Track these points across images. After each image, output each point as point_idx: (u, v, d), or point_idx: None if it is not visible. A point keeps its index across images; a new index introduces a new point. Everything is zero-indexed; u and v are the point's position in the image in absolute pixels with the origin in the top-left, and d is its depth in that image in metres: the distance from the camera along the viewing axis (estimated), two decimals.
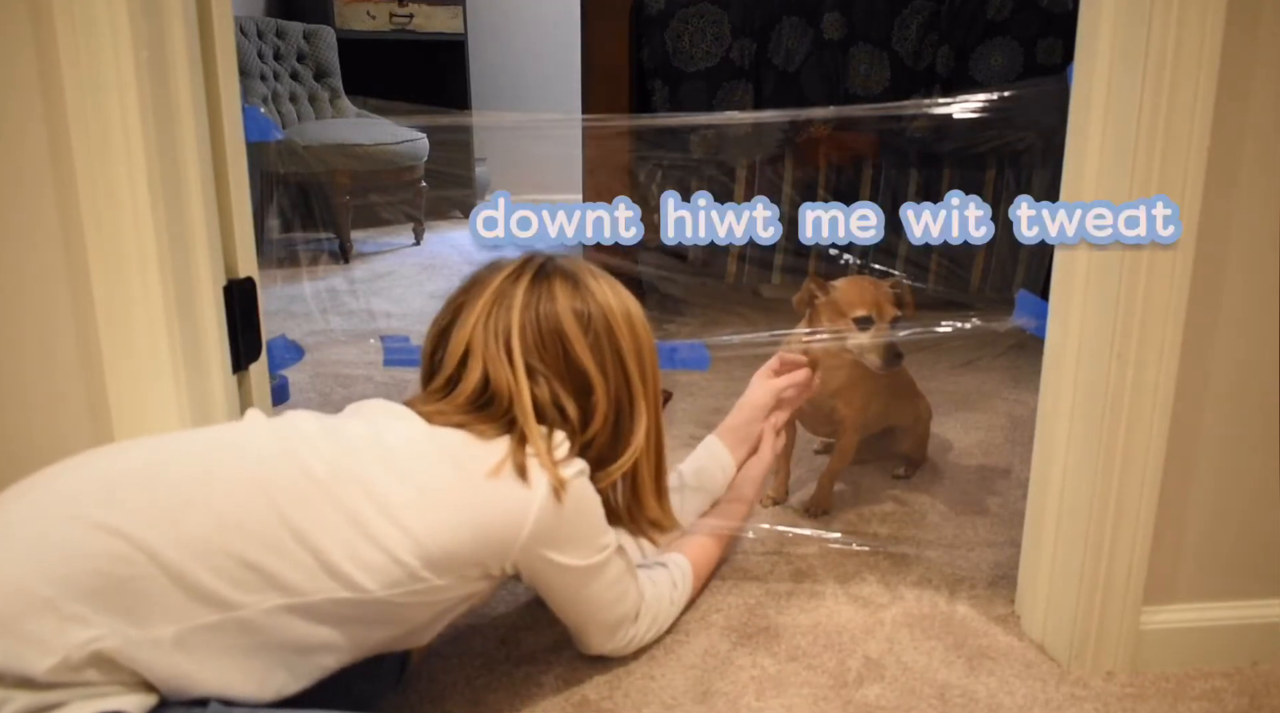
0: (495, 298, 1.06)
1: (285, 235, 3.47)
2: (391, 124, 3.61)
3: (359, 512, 0.90)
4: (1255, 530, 1.20)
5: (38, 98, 1.01)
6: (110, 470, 0.88)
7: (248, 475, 0.89)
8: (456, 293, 1.10)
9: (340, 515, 0.89)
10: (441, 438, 0.99)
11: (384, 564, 0.90)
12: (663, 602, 1.23)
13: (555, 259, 1.11)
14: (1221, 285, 1.11)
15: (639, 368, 1.10)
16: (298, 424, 0.98)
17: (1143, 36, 1.02)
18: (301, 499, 0.88)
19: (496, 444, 1.00)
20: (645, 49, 2.66)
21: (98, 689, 0.77)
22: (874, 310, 1.50)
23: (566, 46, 3.61)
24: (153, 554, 0.80)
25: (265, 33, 3.80)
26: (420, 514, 0.93)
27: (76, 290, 1.06)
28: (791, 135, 2.71)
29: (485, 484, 0.97)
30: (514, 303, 1.05)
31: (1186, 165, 1.04)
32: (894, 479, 1.77)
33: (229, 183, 1.16)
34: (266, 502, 0.87)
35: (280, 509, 0.87)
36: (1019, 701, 1.15)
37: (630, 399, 1.09)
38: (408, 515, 0.92)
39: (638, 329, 1.11)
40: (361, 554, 0.89)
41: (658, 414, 1.13)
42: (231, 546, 0.84)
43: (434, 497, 0.95)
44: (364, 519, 0.90)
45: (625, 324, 1.09)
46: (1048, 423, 1.23)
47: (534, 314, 1.05)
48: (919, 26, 2.68)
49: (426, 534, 0.93)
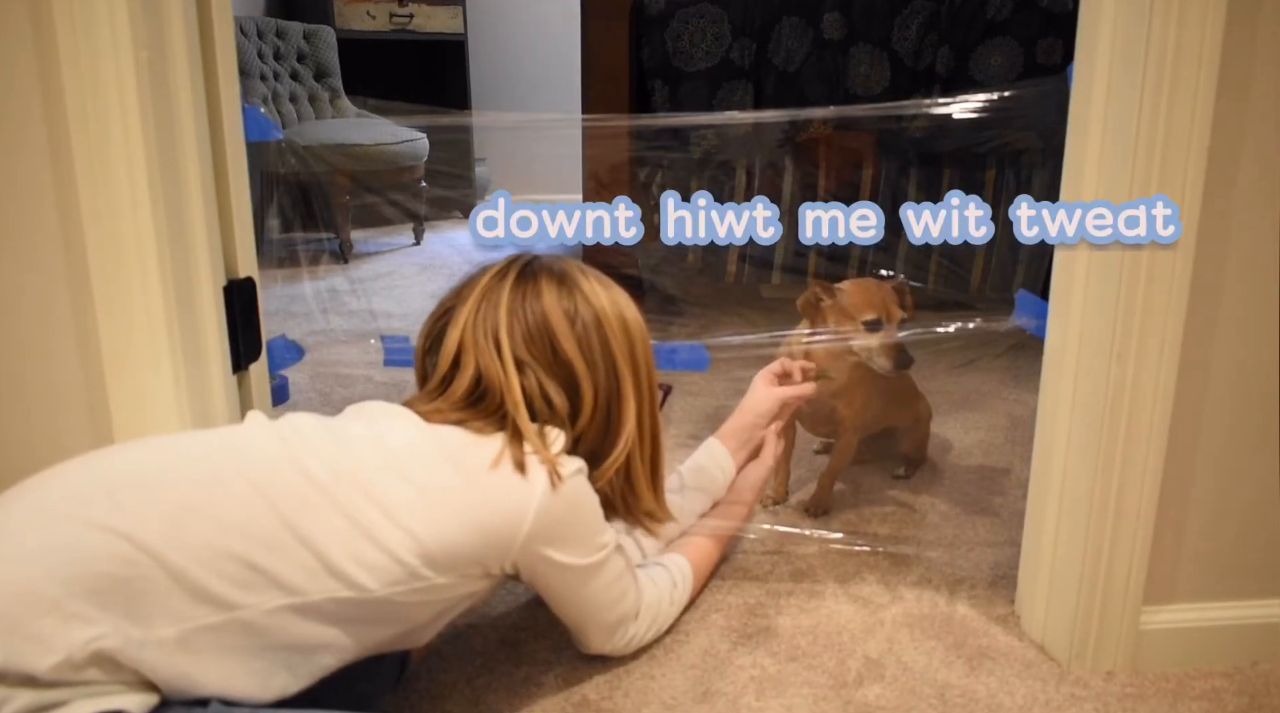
0: (483, 296, 1.07)
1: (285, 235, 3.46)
2: (391, 124, 3.61)
3: (360, 513, 0.90)
4: (1255, 531, 1.20)
5: (38, 98, 1.01)
6: (113, 472, 0.88)
7: (249, 478, 0.89)
8: (447, 296, 1.12)
9: (341, 517, 0.90)
10: (439, 436, 1.00)
11: (386, 564, 0.91)
12: (663, 602, 1.23)
13: (541, 258, 1.12)
14: (1221, 285, 1.11)
15: (629, 362, 1.10)
16: (299, 427, 0.98)
17: (1143, 36, 1.02)
18: (303, 502, 0.89)
19: (493, 440, 1.00)
20: (645, 49, 2.66)
21: (99, 688, 0.77)
22: (883, 313, 1.50)
23: (566, 46, 3.61)
24: (156, 556, 0.81)
25: (265, 33, 3.80)
26: (421, 514, 0.93)
27: (76, 290, 1.06)
28: (791, 135, 2.70)
29: (484, 481, 0.98)
30: (500, 300, 1.07)
31: (1186, 165, 1.04)
32: (894, 479, 1.77)
33: (229, 183, 1.16)
34: (268, 505, 0.87)
35: (282, 512, 0.87)
36: (1019, 701, 1.15)
37: (618, 392, 1.09)
38: (409, 515, 0.93)
39: (629, 324, 1.11)
40: (363, 554, 0.90)
41: (652, 406, 1.13)
42: (233, 548, 0.84)
43: (434, 496, 0.95)
44: (365, 520, 0.90)
45: (615, 319, 1.09)
46: (1048, 423, 1.23)
47: (521, 309, 1.06)
48: (919, 26, 2.68)
49: (427, 533, 0.93)
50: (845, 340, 1.52)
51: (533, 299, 1.07)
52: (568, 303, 1.07)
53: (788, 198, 2.74)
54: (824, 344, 1.53)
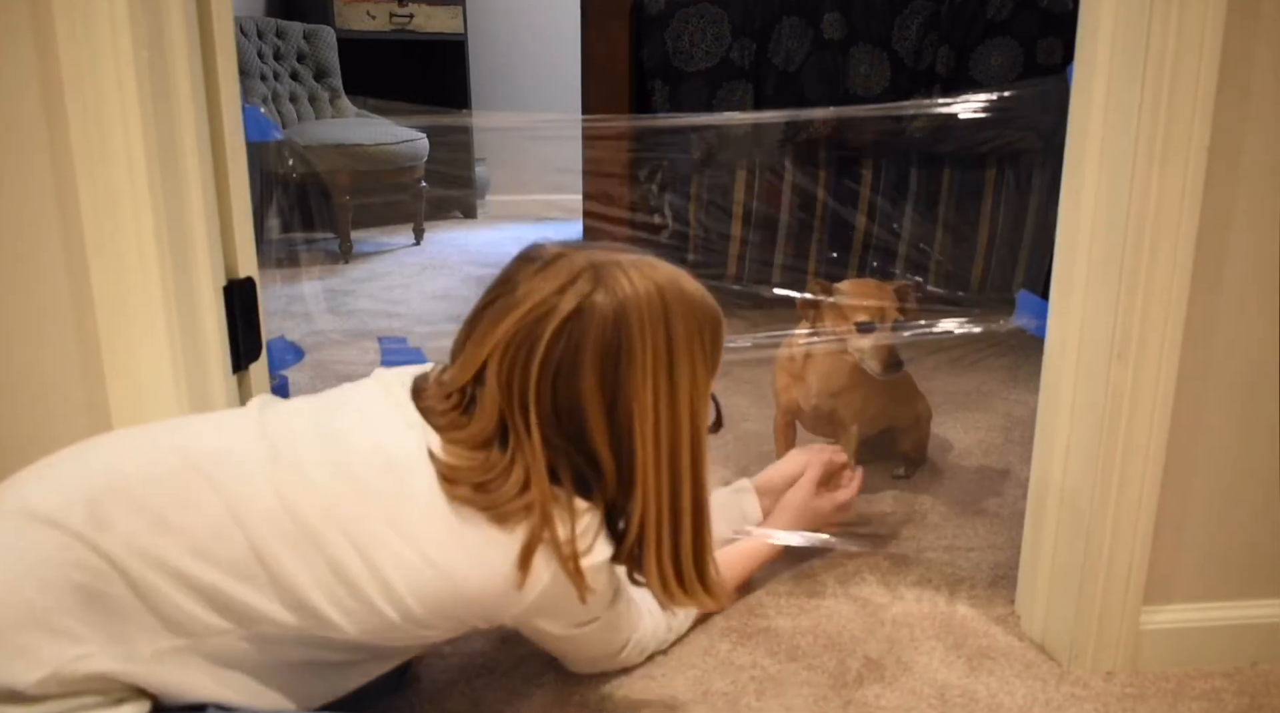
0: (518, 327, 0.91)
1: (285, 235, 3.47)
2: (391, 124, 3.61)
3: (342, 560, 0.85)
4: (1255, 531, 1.20)
5: (38, 98, 1.01)
6: (94, 474, 0.85)
7: (227, 499, 0.83)
8: (494, 284, 0.97)
9: (321, 559, 0.84)
10: (458, 515, 0.89)
11: (364, 613, 0.86)
12: (659, 631, 1.19)
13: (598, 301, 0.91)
14: (1221, 285, 1.10)
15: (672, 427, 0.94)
16: (295, 435, 0.90)
17: (1143, 36, 1.02)
18: (280, 535, 0.83)
19: (514, 535, 0.89)
20: (645, 49, 2.66)
21: (87, 701, 0.76)
22: (876, 315, 1.49)
23: (566, 46, 3.62)
24: (125, 572, 0.79)
25: (265, 33, 3.80)
26: (408, 576, 0.87)
27: (76, 290, 1.06)
28: (791, 135, 2.71)
29: (485, 562, 0.89)
30: (537, 350, 0.90)
31: (1186, 165, 1.04)
32: (894, 479, 1.77)
33: (229, 183, 1.16)
34: (243, 534, 0.82)
35: (254, 541, 0.83)
36: (1019, 701, 1.15)
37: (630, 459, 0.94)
38: (395, 575, 0.86)
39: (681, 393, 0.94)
40: (340, 599, 0.85)
41: (696, 472, 0.97)
42: (204, 574, 0.81)
43: (429, 570, 0.87)
44: (347, 568, 0.85)
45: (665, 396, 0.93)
46: (1048, 423, 1.23)
47: (552, 381, 0.90)
48: (919, 26, 2.68)
49: (411, 596, 0.87)
50: (842, 340, 1.52)
51: (569, 367, 0.90)
52: (609, 385, 0.91)
53: (788, 198, 2.75)
54: (824, 344, 1.53)
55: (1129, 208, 1.06)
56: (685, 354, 0.93)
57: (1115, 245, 1.08)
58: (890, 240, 2.74)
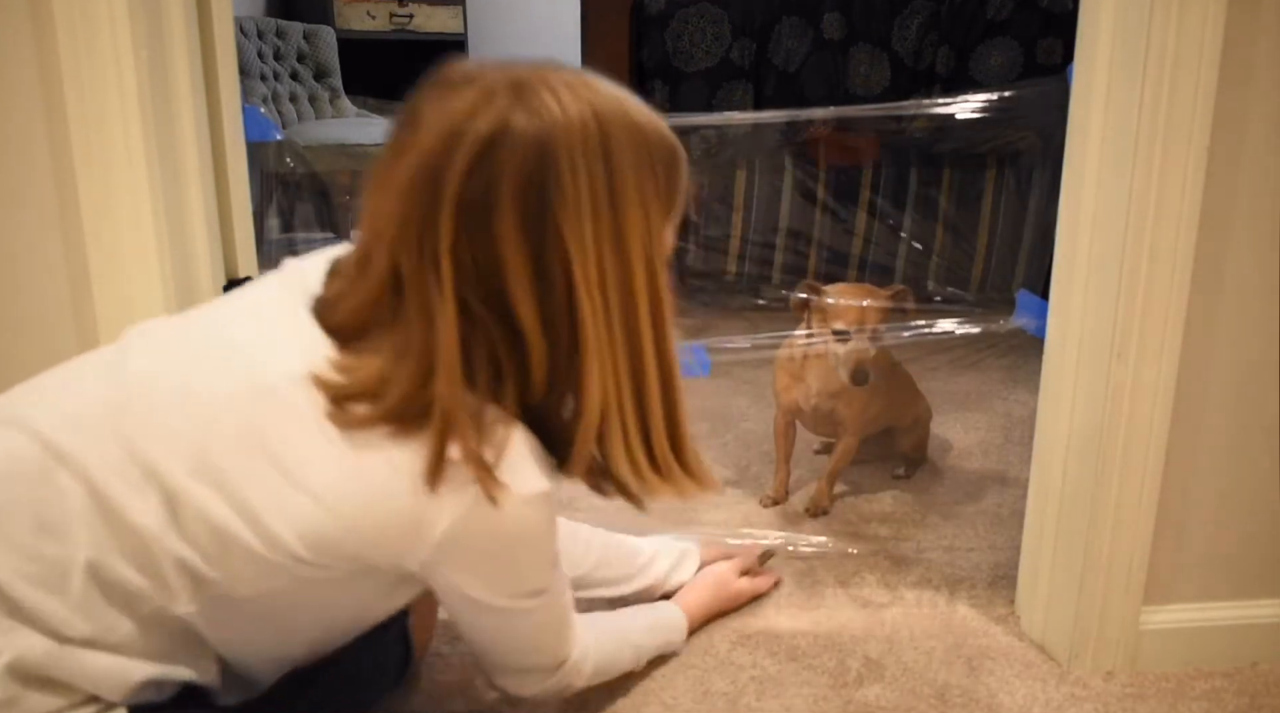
0: (422, 162, 0.75)
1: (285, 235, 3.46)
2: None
3: (217, 514, 0.74)
4: (1255, 530, 1.20)
5: (38, 98, 1.01)
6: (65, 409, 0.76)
7: (87, 487, 0.74)
8: (398, 119, 0.81)
9: (201, 521, 0.74)
10: (348, 440, 0.74)
11: (251, 564, 0.75)
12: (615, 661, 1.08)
13: (522, 109, 0.74)
14: (1222, 285, 1.10)
15: None
16: (154, 379, 0.78)
17: (1143, 36, 1.02)
18: (141, 498, 0.73)
19: (414, 449, 0.74)
20: (645, 49, 2.66)
21: None
22: (854, 323, 1.49)
23: (566, 46, 3.61)
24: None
25: (265, 33, 3.80)
26: (295, 521, 0.75)
27: (77, 290, 1.06)
28: (791, 135, 2.71)
29: (380, 487, 0.75)
30: (445, 187, 0.73)
31: (1186, 165, 1.04)
32: (894, 479, 1.77)
33: (229, 183, 1.17)
34: (102, 518, 0.74)
35: (124, 518, 0.73)
36: (1019, 701, 1.15)
37: (577, 339, 0.77)
38: (279, 521, 0.74)
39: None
40: (215, 556, 0.75)
41: (659, 336, 0.81)
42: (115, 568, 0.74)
43: (320, 512, 0.75)
44: (225, 525, 0.74)
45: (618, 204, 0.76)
46: (1048, 423, 1.23)
47: (467, 226, 0.74)
48: (919, 26, 2.69)
49: (298, 540, 0.75)
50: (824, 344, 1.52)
51: (484, 213, 0.74)
52: (534, 229, 0.74)
53: (787, 198, 2.75)
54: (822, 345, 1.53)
55: (1129, 208, 1.06)
56: (634, 192, 0.77)
57: (1115, 245, 1.08)
58: (890, 240, 2.74)
